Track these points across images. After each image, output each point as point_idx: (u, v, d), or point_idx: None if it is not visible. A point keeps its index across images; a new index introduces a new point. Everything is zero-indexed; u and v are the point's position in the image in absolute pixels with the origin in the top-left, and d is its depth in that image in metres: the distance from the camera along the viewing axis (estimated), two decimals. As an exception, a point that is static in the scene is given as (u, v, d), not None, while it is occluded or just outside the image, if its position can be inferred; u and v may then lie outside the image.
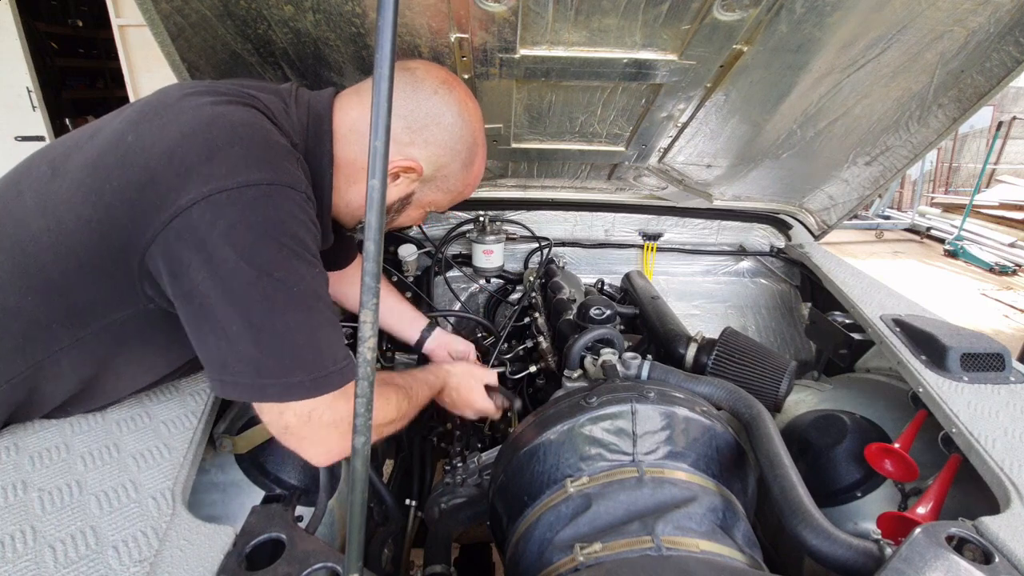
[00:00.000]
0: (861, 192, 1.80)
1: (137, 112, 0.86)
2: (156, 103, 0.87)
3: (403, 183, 1.01)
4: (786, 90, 1.32)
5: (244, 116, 0.84)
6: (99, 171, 0.80)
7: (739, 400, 1.04)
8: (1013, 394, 1.11)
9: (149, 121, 0.83)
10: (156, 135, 0.80)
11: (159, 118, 0.83)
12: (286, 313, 0.77)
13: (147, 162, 0.78)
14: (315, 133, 0.95)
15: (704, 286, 2.29)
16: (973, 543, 0.76)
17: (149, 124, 0.82)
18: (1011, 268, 6.27)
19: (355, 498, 0.57)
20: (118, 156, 0.80)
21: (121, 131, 0.83)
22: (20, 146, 4.15)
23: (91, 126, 0.91)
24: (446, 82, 0.98)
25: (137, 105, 0.89)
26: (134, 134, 0.81)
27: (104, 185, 0.79)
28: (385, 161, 0.51)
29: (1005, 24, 1.14)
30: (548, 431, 0.94)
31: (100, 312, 0.85)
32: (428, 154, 0.98)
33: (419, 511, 1.29)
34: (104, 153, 0.82)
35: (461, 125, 0.99)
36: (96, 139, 0.85)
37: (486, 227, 2.00)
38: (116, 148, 0.81)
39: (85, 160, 0.83)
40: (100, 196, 0.79)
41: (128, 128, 0.83)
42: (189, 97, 0.86)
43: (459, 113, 0.98)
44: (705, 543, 0.77)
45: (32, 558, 0.70)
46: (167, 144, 0.78)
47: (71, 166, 0.84)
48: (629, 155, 1.67)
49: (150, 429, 0.94)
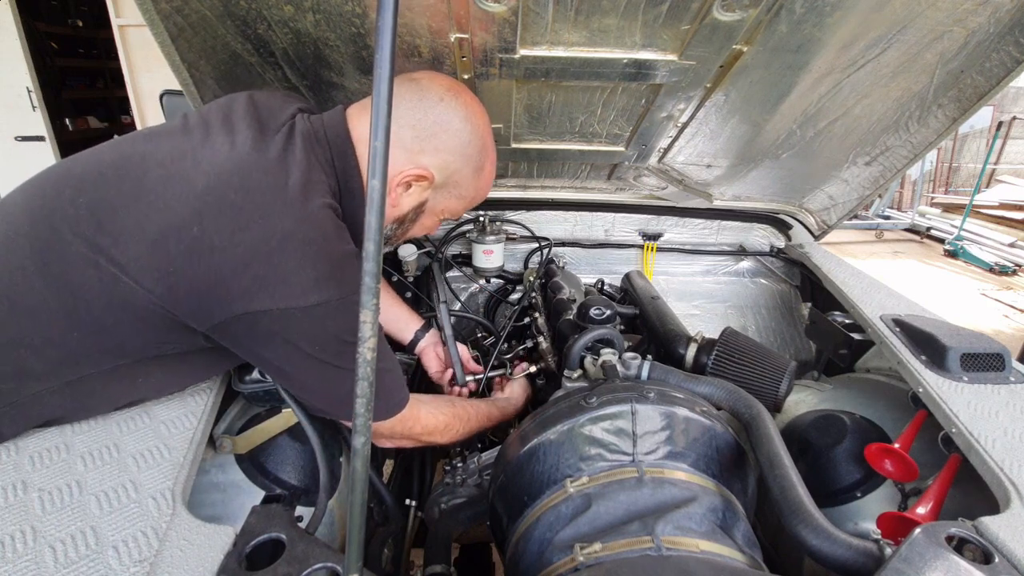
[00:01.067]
0: (861, 192, 1.80)
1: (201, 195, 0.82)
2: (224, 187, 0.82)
3: (416, 192, 1.02)
4: (786, 90, 1.32)
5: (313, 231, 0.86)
6: (161, 253, 0.80)
7: (739, 400, 1.04)
8: (1013, 394, 1.11)
9: (217, 217, 0.81)
10: (226, 240, 0.80)
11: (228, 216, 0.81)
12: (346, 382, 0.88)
13: (217, 265, 0.80)
14: (344, 171, 0.97)
15: (704, 286, 2.29)
16: (973, 543, 0.76)
17: (217, 222, 0.80)
18: (1011, 268, 6.27)
19: (355, 498, 0.57)
20: (182, 247, 0.80)
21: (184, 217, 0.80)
22: (20, 146, 4.16)
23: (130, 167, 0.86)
24: (451, 89, 0.99)
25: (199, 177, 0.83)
26: (199, 227, 0.80)
27: (167, 267, 0.80)
28: (385, 161, 0.51)
29: (1005, 24, 1.14)
30: (548, 431, 0.94)
31: (150, 349, 0.90)
32: (439, 161, 0.99)
33: (419, 511, 1.29)
34: (166, 236, 0.80)
35: (469, 130, 1.00)
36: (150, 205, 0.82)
37: (486, 227, 2.00)
38: (179, 236, 0.80)
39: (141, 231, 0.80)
40: (164, 276, 0.80)
41: (193, 218, 0.80)
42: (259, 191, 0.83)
43: (466, 118, 0.99)
44: (705, 543, 0.77)
45: (32, 558, 0.70)
46: (239, 254, 0.80)
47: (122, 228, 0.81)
48: (629, 155, 1.67)
49: (150, 429, 0.94)
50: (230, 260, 0.80)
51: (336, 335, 0.88)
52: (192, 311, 0.83)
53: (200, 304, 0.82)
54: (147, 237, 0.81)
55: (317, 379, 0.93)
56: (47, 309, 0.83)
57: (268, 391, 1.07)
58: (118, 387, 0.93)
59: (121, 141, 0.94)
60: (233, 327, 0.84)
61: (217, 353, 0.94)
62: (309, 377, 0.93)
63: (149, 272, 0.80)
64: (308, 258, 0.84)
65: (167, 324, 0.85)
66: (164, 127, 0.97)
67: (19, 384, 0.86)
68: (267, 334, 0.85)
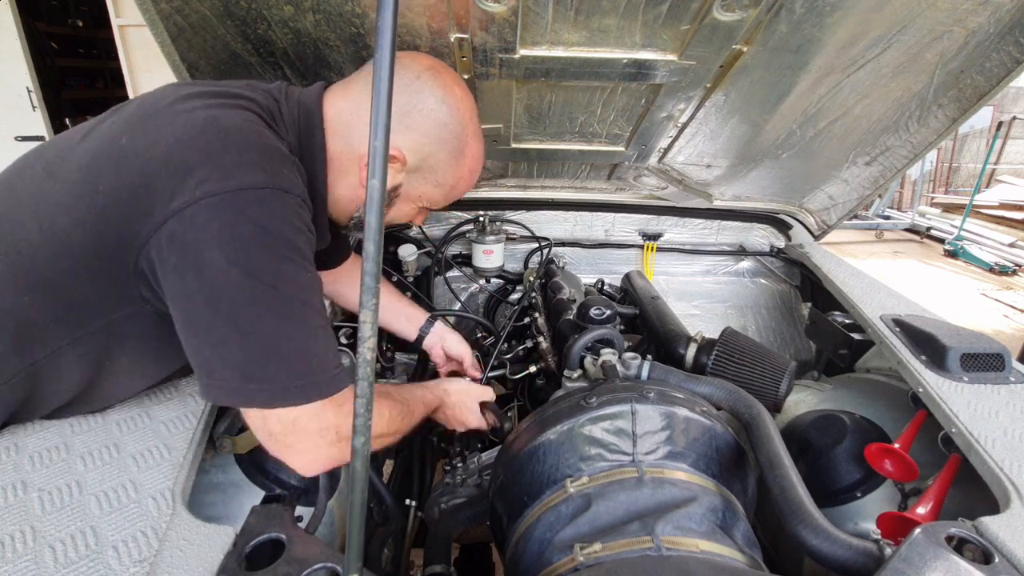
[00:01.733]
0: (861, 192, 1.80)
1: (130, 115, 0.86)
2: (149, 106, 0.86)
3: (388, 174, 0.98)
4: (786, 90, 1.32)
5: (238, 120, 0.83)
6: (92, 173, 0.80)
7: (739, 400, 1.04)
8: (1013, 394, 1.11)
9: (143, 124, 0.82)
10: (150, 139, 0.80)
11: (153, 121, 0.82)
12: (275, 319, 0.76)
13: (141, 166, 0.78)
14: (306, 129, 0.93)
15: (704, 286, 2.29)
16: (973, 543, 0.76)
17: (143, 127, 0.82)
18: (1011, 268, 6.27)
19: (355, 498, 0.57)
20: (111, 159, 0.80)
21: (114, 133, 0.83)
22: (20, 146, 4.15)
23: (83, 126, 0.90)
24: (431, 68, 0.95)
25: (130, 107, 0.89)
26: (128, 137, 0.81)
27: (97, 187, 0.78)
28: (385, 161, 0.51)
29: (1005, 24, 1.14)
30: (548, 431, 0.94)
31: (96, 311, 0.85)
32: (410, 141, 0.95)
33: (419, 511, 1.29)
34: (97, 155, 0.82)
35: (446, 111, 0.95)
36: (89, 140, 0.85)
37: (486, 227, 2.00)
38: (109, 151, 0.81)
39: (78, 162, 0.83)
40: (93, 198, 0.78)
41: (122, 131, 0.83)
42: (183, 100, 0.85)
43: (443, 99, 0.94)
44: (705, 543, 0.77)
45: (32, 558, 0.70)
46: (162, 148, 0.78)
47: (65, 167, 0.83)
48: (629, 155, 1.67)
49: (150, 429, 0.94)
50: (153, 158, 0.77)
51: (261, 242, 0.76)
52: (120, 235, 0.78)
53: (127, 221, 0.77)
54: (80, 164, 0.81)
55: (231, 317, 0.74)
56: None
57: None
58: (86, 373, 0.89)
59: None
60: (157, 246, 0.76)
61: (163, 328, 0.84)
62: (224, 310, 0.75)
63: (82, 197, 0.79)
64: (232, 141, 0.79)
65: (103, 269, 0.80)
66: None
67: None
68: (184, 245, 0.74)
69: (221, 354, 0.76)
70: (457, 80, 0.99)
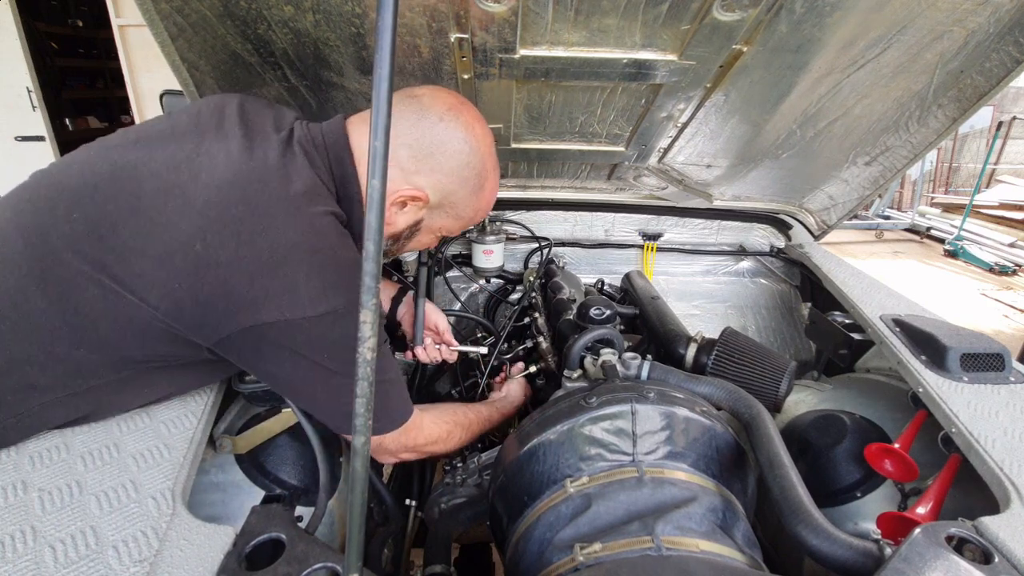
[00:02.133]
0: (861, 192, 1.80)
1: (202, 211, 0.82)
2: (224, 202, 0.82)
3: (411, 211, 1.02)
4: (786, 90, 1.32)
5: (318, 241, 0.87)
6: (166, 268, 0.80)
7: (739, 400, 1.04)
8: (1013, 394, 1.11)
9: (220, 233, 0.81)
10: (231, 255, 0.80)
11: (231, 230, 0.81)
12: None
13: (223, 279, 0.80)
14: (341, 177, 0.97)
15: (704, 286, 2.29)
16: (973, 543, 0.76)
17: (220, 237, 0.81)
18: (1011, 268, 6.27)
19: (355, 498, 0.57)
20: (187, 263, 0.80)
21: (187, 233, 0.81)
22: (20, 146, 4.16)
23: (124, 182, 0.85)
24: (452, 108, 0.97)
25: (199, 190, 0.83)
26: (202, 243, 0.80)
27: (173, 284, 0.81)
28: (385, 161, 0.51)
29: (1005, 24, 1.14)
30: (548, 431, 0.94)
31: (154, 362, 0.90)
32: (434, 182, 0.98)
33: (419, 511, 1.29)
34: (170, 252, 0.80)
35: (468, 152, 0.98)
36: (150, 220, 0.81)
37: (486, 227, 2.00)
38: (184, 252, 0.80)
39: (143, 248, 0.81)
40: (169, 292, 0.81)
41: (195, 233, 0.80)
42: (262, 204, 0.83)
43: (466, 139, 0.98)
44: (705, 543, 0.77)
45: (32, 558, 0.70)
46: (245, 268, 0.81)
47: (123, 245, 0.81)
48: (629, 155, 1.67)
49: (150, 429, 0.94)
50: (235, 274, 0.80)
51: (344, 343, 0.87)
52: (197, 326, 0.83)
53: (205, 319, 0.82)
54: (151, 254, 0.81)
55: (324, 391, 0.93)
56: (50, 327, 0.83)
57: (268, 391, 1.07)
58: (123, 396, 0.94)
59: (109, 148, 0.91)
60: (239, 341, 0.84)
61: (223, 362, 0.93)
62: (317, 390, 0.93)
63: (154, 288, 0.81)
64: (315, 268, 0.84)
65: (171, 339, 0.85)
66: (152, 130, 0.95)
67: (25, 397, 0.86)
68: (274, 347, 0.86)
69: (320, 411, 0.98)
70: (477, 117, 1.02)
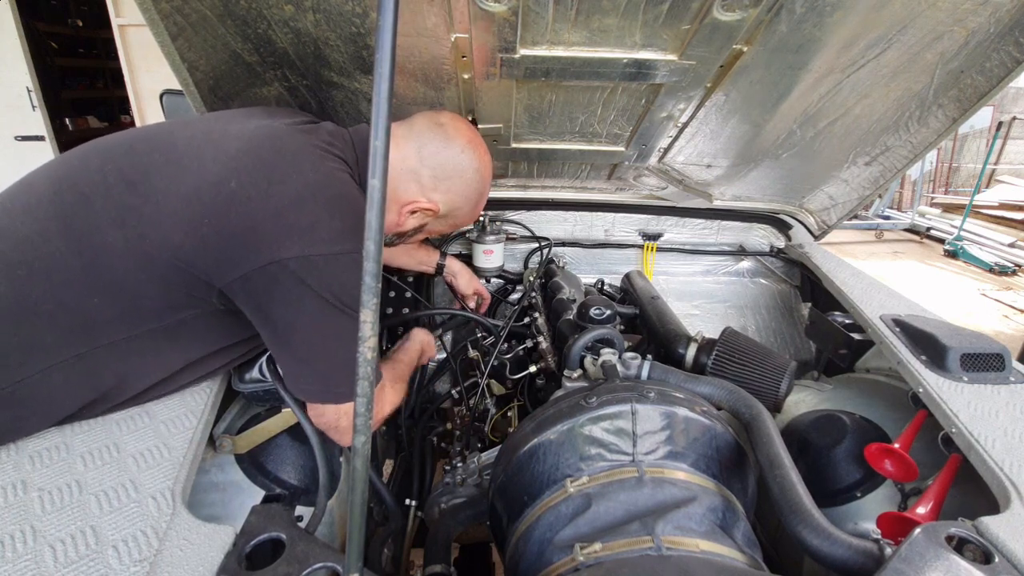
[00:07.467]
0: (861, 192, 1.80)
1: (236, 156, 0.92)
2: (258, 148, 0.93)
3: (419, 217, 1.18)
4: (786, 90, 1.32)
5: (341, 188, 0.96)
6: (195, 206, 0.88)
7: (739, 400, 1.04)
8: (1013, 394, 1.11)
9: (252, 173, 0.90)
10: (262, 192, 0.89)
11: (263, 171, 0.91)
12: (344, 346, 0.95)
13: (252, 213, 0.87)
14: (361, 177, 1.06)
15: (704, 286, 2.29)
16: (973, 543, 0.76)
17: (252, 176, 0.90)
18: (1011, 268, 6.27)
19: (355, 498, 0.57)
20: (218, 199, 0.88)
21: (220, 174, 0.90)
22: (20, 146, 4.15)
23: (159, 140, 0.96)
24: (471, 142, 1.15)
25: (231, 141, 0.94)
26: (237, 182, 0.89)
27: (201, 220, 0.87)
28: (385, 161, 0.51)
29: (1005, 24, 1.14)
30: (548, 431, 0.94)
31: (165, 313, 0.93)
32: (446, 199, 1.16)
33: (419, 511, 1.29)
34: (200, 190, 0.88)
35: (478, 180, 1.18)
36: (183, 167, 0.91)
37: (486, 227, 2.00)
38: (216, 190, 0.88)
39: (175, 189, 0.89)
40: (194, 228, 0.87)
41: (229, 174, 0.90)
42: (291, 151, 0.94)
43: (478, 169, 1.16)
44: (705, 543, 0.77)
45: (32, 558, 0.70)
46: (273, 204, 0.88)
47: (154, 188, 0.89)
48: (629, 155, 1.67)
49: (150, 429, 0.94)
50: (264, 208, 0.88)
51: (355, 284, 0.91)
52: (217, 262, 0.88)
53: (228, 254, 0.87)
54: (182, 192, 0.88)
55: (320, 339, 0.94)
56: (66, 270, 0.86)
57: (268, 391, 1.07)
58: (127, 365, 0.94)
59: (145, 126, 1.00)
60: (256, 279, 0.88)
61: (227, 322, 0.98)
62: (314, 335, 0.94)
63: (180, 226, 0.87)
64: (336, 209, 0.92)
65: (186, 283, 0.89)
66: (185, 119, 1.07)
67: (27, 357, 0.86)
68: (286, 286, 0.89)
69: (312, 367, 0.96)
70: (486, 149, 1.20)
